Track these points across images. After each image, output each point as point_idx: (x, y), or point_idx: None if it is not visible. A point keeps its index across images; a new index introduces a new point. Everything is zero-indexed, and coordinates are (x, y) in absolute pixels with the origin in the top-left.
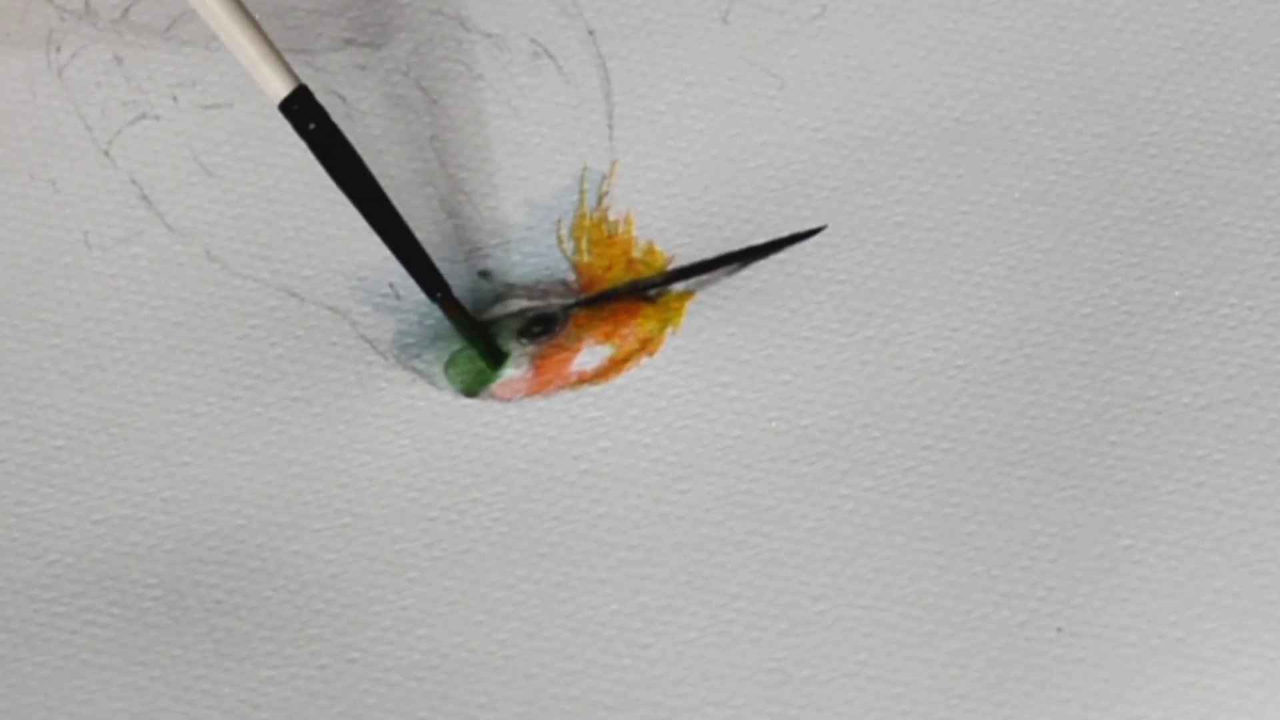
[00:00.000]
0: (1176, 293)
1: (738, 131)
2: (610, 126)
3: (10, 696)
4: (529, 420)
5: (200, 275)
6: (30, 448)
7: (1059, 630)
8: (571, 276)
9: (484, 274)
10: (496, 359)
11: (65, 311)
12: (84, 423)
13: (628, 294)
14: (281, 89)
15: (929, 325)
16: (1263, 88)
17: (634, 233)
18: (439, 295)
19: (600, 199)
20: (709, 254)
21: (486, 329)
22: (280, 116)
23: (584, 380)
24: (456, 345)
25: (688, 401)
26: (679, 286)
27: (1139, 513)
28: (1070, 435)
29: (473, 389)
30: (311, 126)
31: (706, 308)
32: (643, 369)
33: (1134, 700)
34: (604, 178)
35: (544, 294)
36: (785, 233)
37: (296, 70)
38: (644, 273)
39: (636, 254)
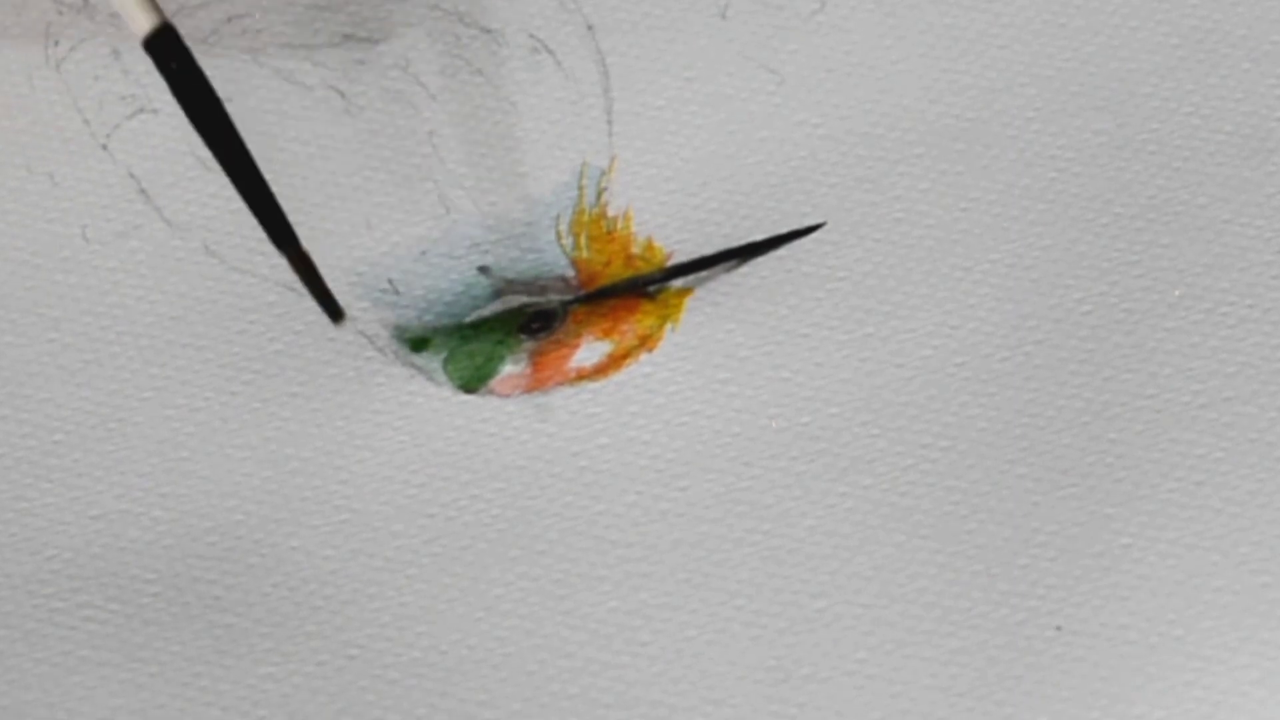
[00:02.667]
0: (1176, 291)
1: (737, 127)
2: (609, 122)
3: (10, 694)
4: (528, 417)
5: (199, 270)
6: (28, 443)
7: (1059, 629)
8: (570, 272)
9: (483, 270)
10: (336, 316)
11: (63, 306)
12: (82, 418)
13: (627, 290)
14: (146, 25)
15: (929, 322)
16: (1262, 85)
17: (633, 229)
18: (288, 250)
19: (599, 195)
20: (708, 250)
21: (327, 290)
22: (282, 112)
23: (583, 376)
24: (456, 341)
25: (687, 398)
26: (678, 283)
27: (1139, 512)
28: (1070, 434)
29: (471, 385)
30: (173, 66)
31: (706, 304)
32: (642, 365)
33: (1134, 700)
34: (603, 173)
35: (543, 290)
36: (784, 229)
37: (294, 65)
38: (643, 269)
39: (635, 250)
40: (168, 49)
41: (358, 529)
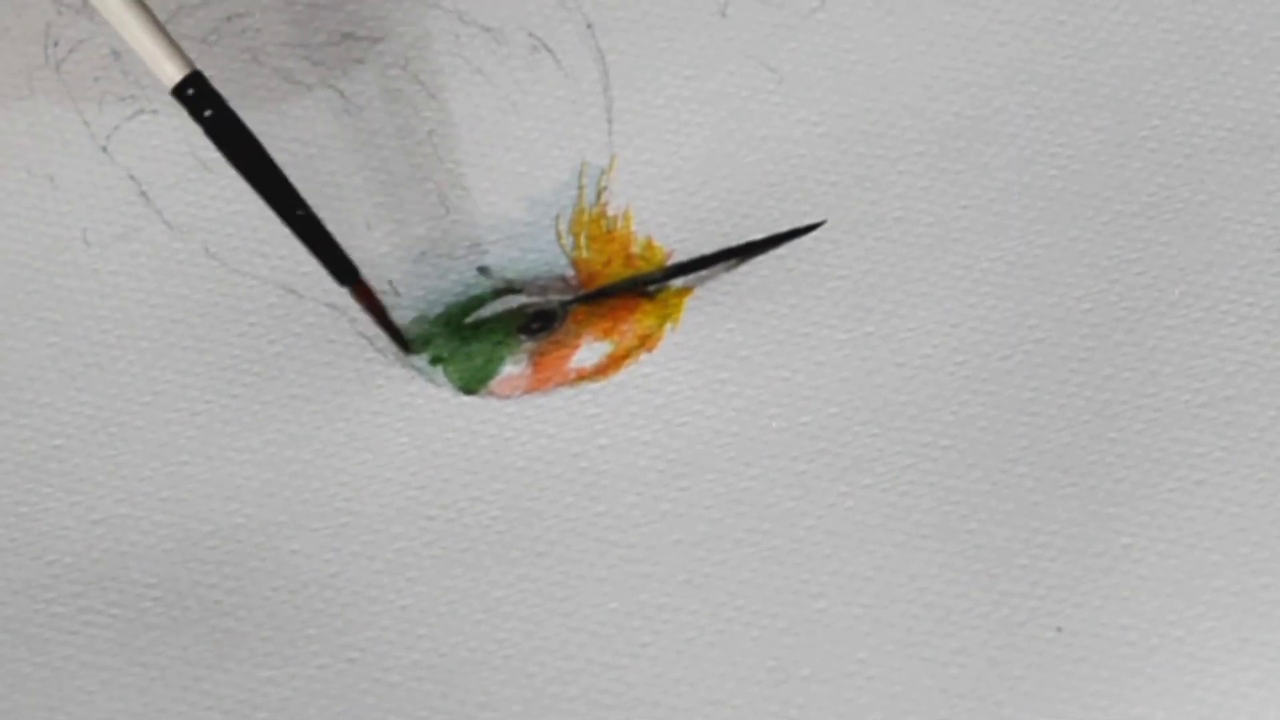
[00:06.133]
0: (1176, 289)
1: (737, 126)
2: (609, 121)
3: (10, 696)
4: (528, 417)
5: (199, 272)
6: (29, 446)
7: (1059, 630)
8: (570, 272)
9: (483, 270)
10: (405, 349)
11: (64, 309)
12: (83, 421)
13: (627, 290)
14: (175, 74)
15: (928, 321)
16: (1263, 82)
17: (633, 228)
18: (350, 284)
19: (599, 194)
20: (708, 249)
21: (392, 322)
22: (281, 111)
23: (583, 377)
24: (456, 342)
25: (687, 398)
26: (678, 282)
27: (1139, 511)
28: (1070, 432)
29: (472, 386)
30: (207, 114)
31: (706, 303)
32: (642, 365)
33: (1134, 700)
34: (603, 173)
35: (543, 290)
36: (784, 228)
37: (293, 64)
38: (643, 268)
39: (635, 249)
40: (199, 96)
41: (358, 531)
